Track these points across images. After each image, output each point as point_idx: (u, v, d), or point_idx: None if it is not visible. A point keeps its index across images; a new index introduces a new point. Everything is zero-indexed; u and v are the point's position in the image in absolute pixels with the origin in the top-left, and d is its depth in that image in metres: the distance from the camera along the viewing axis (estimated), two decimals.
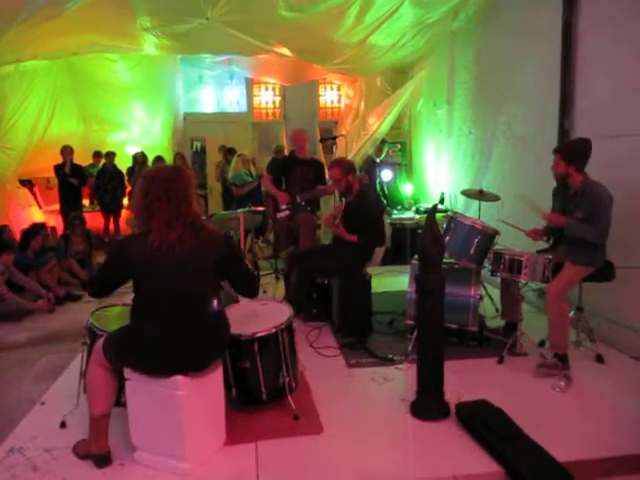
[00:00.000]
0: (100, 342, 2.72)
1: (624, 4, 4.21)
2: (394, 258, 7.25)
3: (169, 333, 2.58)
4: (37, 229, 6.66)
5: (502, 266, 3.91)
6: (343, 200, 4.78)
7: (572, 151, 3.75)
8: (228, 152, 8.98)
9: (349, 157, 8.82)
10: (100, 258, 7.05)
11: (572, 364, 3.76)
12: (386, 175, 8.64)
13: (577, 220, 3.70)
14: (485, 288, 4.76)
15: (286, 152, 10.48)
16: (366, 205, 4.67)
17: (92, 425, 2.71)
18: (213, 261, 2.65)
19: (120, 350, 2.63)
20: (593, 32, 4.58)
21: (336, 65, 8.18)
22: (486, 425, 2.94)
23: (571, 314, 4.01)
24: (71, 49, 7.62)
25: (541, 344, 4.12)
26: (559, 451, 2.73)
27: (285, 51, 7.66)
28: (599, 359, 3.92)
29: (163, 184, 2.55)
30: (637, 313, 4.11)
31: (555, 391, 3.48)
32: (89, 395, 2.73)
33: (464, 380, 3.61)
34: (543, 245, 4.25)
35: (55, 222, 8.80)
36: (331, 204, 6.53)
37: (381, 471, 2.70)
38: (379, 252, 7.13)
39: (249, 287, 2.95)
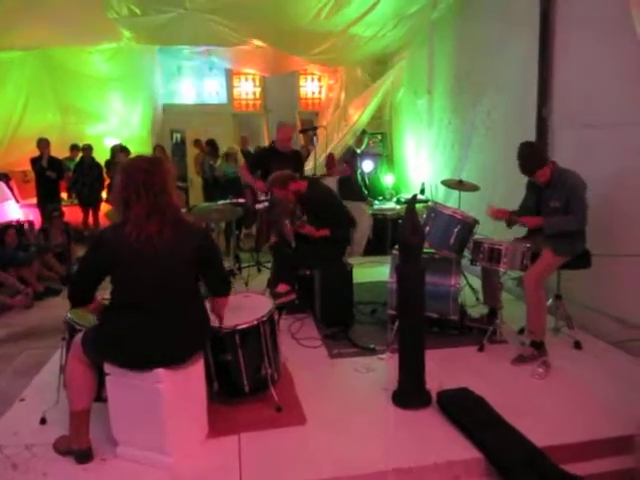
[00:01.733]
0: (78, 337, 2.69)
1: None
2: (375, 248, 7.27)
3: (148, 326, 2.56)
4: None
5: (481, 255, 3.95)
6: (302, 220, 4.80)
7: (539, 155, 3.81)
8: (207, 145, 8.97)
9: (329, 148, 8.81)
10: (80, 252, 6.95)
11: (551, 350, 3.81)
12: (367, 166, 8.64)
13: (553, 209, 3.75)
14: (466, 277, 4.80)
15: (266, 143, 10.46)
16: (318, 195, 4.66)
17: (72, 421, 2.69)
18: (192, 254, 2.63)
19: (99, 345, 2.61)
20: (570, 21, 4.61)
21: (316, 55, 8.14)
22: (467, 412, 2.98)
23: (550, 301, 4.07)
24: (46, 41, 7.48)
25: (520, 332, 4.17)
26: (538, 436, 2.77)
27: (263, 42, 7.62)
28: (577, 345, 3.99)
29: (141, 175, 2.53)
30: (613, 300, 4.18)
31: (534, 378, 3.53)
32: (69, 391, 2.70)
33: (445, 368, 3.64)
34: (520, 233, 4.29)
35: (33, 216, 8.64)
36: None
37: (364, 460, 2.72)
38: (360, 241, 7.17)
39: (222, 286, 2.90)
